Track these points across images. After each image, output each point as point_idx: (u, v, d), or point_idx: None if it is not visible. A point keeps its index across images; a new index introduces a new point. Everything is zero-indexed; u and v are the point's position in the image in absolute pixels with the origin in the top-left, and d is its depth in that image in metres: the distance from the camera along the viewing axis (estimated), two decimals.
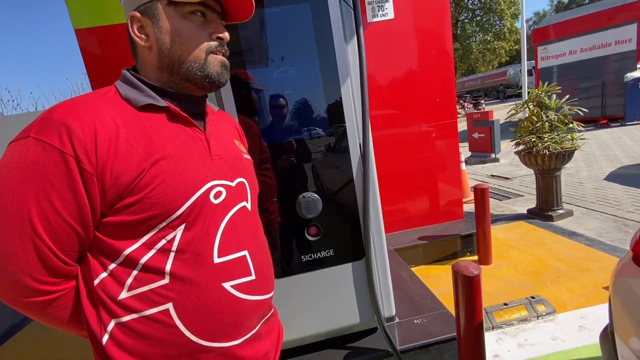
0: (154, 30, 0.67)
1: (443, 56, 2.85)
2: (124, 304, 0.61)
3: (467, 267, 1.28)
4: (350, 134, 1.40)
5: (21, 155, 0.56)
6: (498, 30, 18.19)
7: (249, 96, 1.33)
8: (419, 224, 3.14)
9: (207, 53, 0.69)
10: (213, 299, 0.65)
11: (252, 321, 0.72)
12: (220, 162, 0.71)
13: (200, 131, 0.71)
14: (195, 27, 0.67)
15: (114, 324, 0.61)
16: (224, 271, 0.67)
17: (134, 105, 0.65)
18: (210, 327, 0.65)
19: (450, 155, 3.08)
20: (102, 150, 0.57)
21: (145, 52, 0.69)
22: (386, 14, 2.62)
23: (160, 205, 0.61)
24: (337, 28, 1.28)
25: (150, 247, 0.62)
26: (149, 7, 0.66)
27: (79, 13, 2.33)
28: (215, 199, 0.67)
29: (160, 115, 0.67)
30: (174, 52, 0.67)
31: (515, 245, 3.05)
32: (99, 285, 0.61)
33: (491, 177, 5.97)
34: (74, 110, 0.59)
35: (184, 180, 0.63)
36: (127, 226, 0.60)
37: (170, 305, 0.62)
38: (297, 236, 1.44)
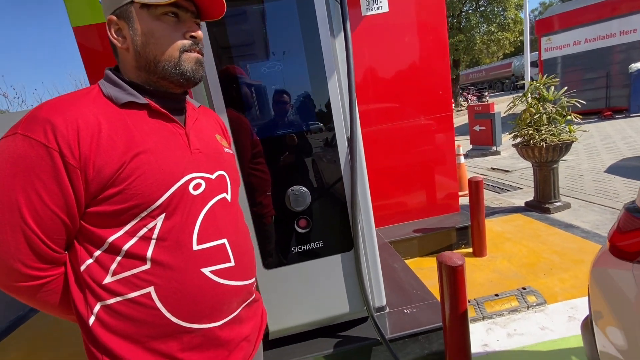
0: (129, 32, 0.70)
1: (438, 49, 2.85)
2: (109, 287, 0.65)
3: (451, 257, 1.31)
4: (338, 127, 1.42)
5: (9, 151, 0.60)
6: (502, 21, 17.89)
7: (239, 91, 1.35)
8: (415, 216, 3.17)
9: (180, 52, 0.72)
10: (192, 283, 0.69)
11: (232, 305, 0.76)
12: (199, 155, 0.75)
13: (180, 126, 0.74)
14: (167, 28, 0.70)
15: (99, 306, 0.66)
16: (202, 257, 0.71)
17: (115, 102, 0.68)
18: (190, 309, 0.69)
19: (446, 148, 3.09)
20: (85, 145, 0.61)
21: (123, 53, 0.73)
22: (380, 7, 2.61)
23: (140, 196, 0.64)
24: (323, 23, 1.29)
25: (133, 235, 0.66)
26: (124, 10, 0.69)
27: (76, 11, 2.36)
28: (194, 191, 0.71)
29: (141, 112, 0.70)
30: (149, 52, 0.70)
31: (511, 238, 3.07)
32: (85, 271, 0.66)
33: (491, 170, 5.96)
34: (58, 108, 0.62)
35: (163, 173, 0.67)
36: (111, 215, 0.64)
37: (151, 289, 0.66)
38: (287, 228, 1.48)
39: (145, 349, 0.67)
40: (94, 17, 2.44)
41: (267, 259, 1.50)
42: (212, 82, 1.30)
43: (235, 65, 1.33)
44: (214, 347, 0.73)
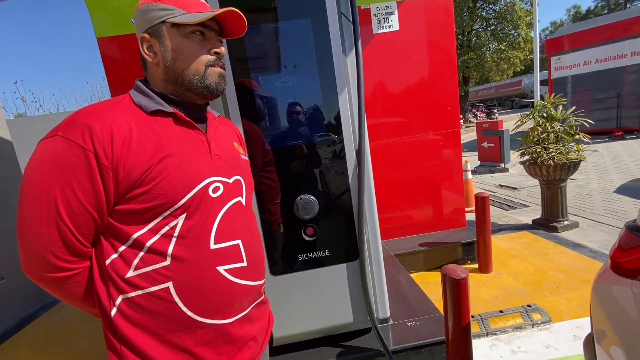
0: (160, 48, 0.77)
1: (447, 67, 2.91)
2: (131, 281, 0.70)
3: (455, 270, 1.33)
4: (347, 140, 1.48)
5: (50, 151, 0.66)
6: (513, 40, 18.01)
7: (253, 102, 1.42)
8: (421, 230, 3.18)
9: (206, 66, 0.78)
10: (208, 279, 0.74)
11: (243, 303, 0.81)
12: (219, 161, 0.81)
13: (202, 133, 0.81)
14: (195, 45, 0.77)
15: (121, 299, 0.71)
16: (219, 256, 0.76)
17: (145, 110, 0.75)
18: (205, 304, 0.74)
19: (453, 163, 3.12)
20: (117, 148, 0.67)
21: (153, 67, 0.80)
22: (391, 26, 2.70)
23: (165, 196, 0.70)
24: (336, 41, 1.37)
25: (156, 232, 0.71)
26: (156, 29, 0.77)
27: (101, 22, 2.50)
28: (213, 193, 0.76)
29: (168, 119, 0.77)
30: (177, 67, 0.77)
31: (517, 255, 3.05)
32: (110, 265, 0.71)
33: (499, 186, 5.94)
34: (95, 114, 0.69)
35: (186, 175, 0.72)
36: (137, 213, 0.70)
37: (170, 284, 0.71)
38: (294, 236, 1.52)
39: (161, 342, 0.72)
40: (116, 29, 2.57)
41: (274, 266, 1.54)
42: (229, 94, 1.37)
43: (251, 79, 1.40)
44: (225, 344, 0.77)
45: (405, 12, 2.75)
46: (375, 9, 2.70)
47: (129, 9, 2.50)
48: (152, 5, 0.76)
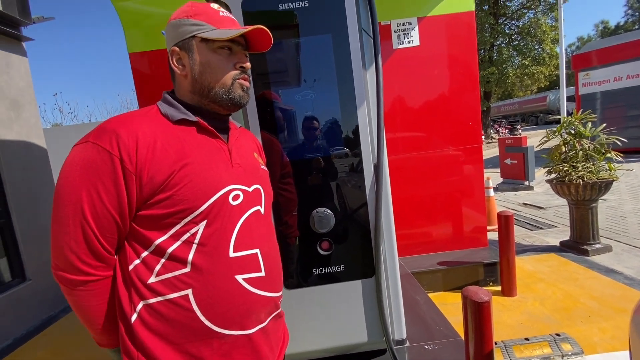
0: (189, 61, 0.80)
1: (469, 82, 2.87)
2: (152, 287, 0.71)
3: (477, 293, 1.27)
4: (365, 154, 1.46)
5: (81, 155, 0.70)
6: (537, 55, 17.65)
7: (273, 115, 1.44)
8: (440, 248, 3.08)
9: (232, 80, 0.81)
10: (226, 288, 0.74)
11: (260, 315, 0.80)
12: (239, 169, 0.82)
13: (223, 142, 0.83)
14: (222, 60, 0.80)
15: (142, 305, 0.72)
16: (237, 265, 0.76)
17: (170, 119, 0.78)
18: (222, 314, 0.73)
19: (474, 179, 3.03)
20: (142, 154, 0.70)
21: (181, 79, 0.83)
22: (412, 41, 2.70)
23: (186, 202, 0.71)
24: (356, 57, 1.37)
25: (177, 238, 0.72)
26: (186, 42, 0.80)
27: (133, 39, 2.63)
28: (233, 201, 0.77)
29: (192, 128, 0.79)
30: (205, 80, 0.80)
31: (544, 279, 2.89)
32: (133, 270, 0.72)
33: (523, 205, 5.71)
34: (123, 122, 0.73)
35: (206, 182, 0.74)
36: (159, 219, 0.71)
37: (189, 292, 0.72)
38: (310, 249, 1.50)
39: (178, 351, 0.72)
40: (146, 45, 2.71)
41: (288, 279, 1.52)
42: (249, 105, 1.39)
43: (271, 91, 1.43)
44: (240, 356, 0.76)
45: (426, 27, 2.76)
46: (395, 25, 2.71)
47: (158, 27, 2.63)
48: (183, 20, 0.79)
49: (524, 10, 18.01)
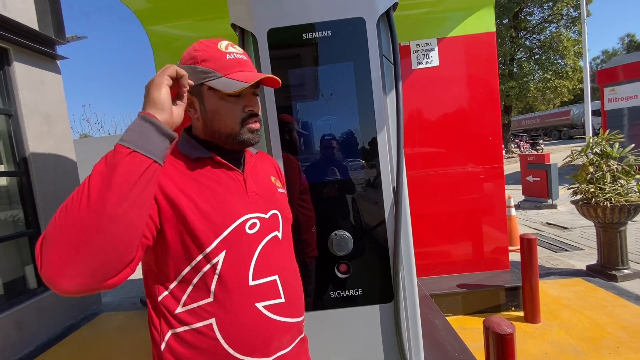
0: (199, 107, 0.83)
1: (489, 101, 2.85)
2: (179, 317, 0.75)
3: (500, 324, 1.23)
4: (384, 177, 1.47)
5: None
6: (559, 69, 17.28)
7: (294, 138, 1.47)
8: (459, 270, 3.01)
9: (241, 125, 0.83)
10: (247, 316, 0.76)
11: (282, 342, 0.81)
12: (255, 197, 0.85)
13: (239, 173, 0.85)
14: (230, 106, 0.82)
15: (170, 334, 0.75)
16: (257, 293, 0.78)
17: (188, 157, 0.82)
18: (245, 341, 0.76)
19: (495, 198, 2.97)
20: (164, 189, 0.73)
21: (195, 121, 0.87)
22: (431, 62, 2.72)
23: (204, 234, 0.74)
24: (377, 83, 1.40)
25: (198, 270, 0.75)
26: (196, 89, 0.81)
27: (161, 60, 2.77)
28: (250, 230, 0.80)
29: (207, 163, 0.83)
30: (214, 126, 0.83)
31: (570, 305, 2.76)
32: (162, 301, 0.76)
33: (547, 225, 5.51)
34: None
35: (223, 214, 0.77)
36: (180, 251, 0.74)
37: (213, 321, 0.75)
38: (327, 272, 1.50)
39: None
40: None
41: (306, 300, 1.51)
42: (272, 128, 1.43)
43: (292, 115, 1.46)
44: None
45: (446, 48, 2.77)
46: (415, 46, 2.74)
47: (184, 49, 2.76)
48: (193, 66, 0.81)
49: (546, 24, 17.77)
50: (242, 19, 1.47)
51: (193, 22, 2.76)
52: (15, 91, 3.22)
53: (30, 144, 3.30)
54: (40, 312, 3.19)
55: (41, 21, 3.58)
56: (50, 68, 3.68)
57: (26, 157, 3.27)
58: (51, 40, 3.63)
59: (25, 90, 3.30)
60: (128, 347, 2.82)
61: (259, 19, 1.42)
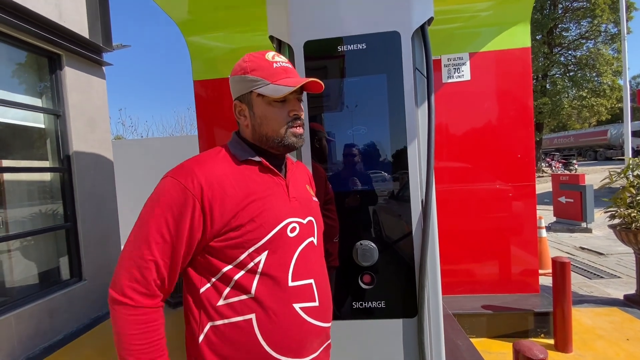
0: (249, 114, 0.90)
1: (522, 118, 2.77)
2: (220, 310, 0.78)
3: (531, 349, 1.18)
4: (413, 190, 1.46)
5: (163, 187, 0.79)
6: (596, 87, 16.53)
7: (323, 146, 1.50)
8: (485, 290, 2.89)
9: (286, 129, 0.88)
10: (285, 316, 0.79)
11: (314, 345, 0.84)
12: (295, 202, 0.89)
13: (282, 178, 0.91)
14: (277, 112, 0.87)
15: (209, 326, 0.79)
16: (295, 294, 0.82)
17: (237, 159, 0.87)
18: (281, 340, 0.78)
19: (525, 217, 2.85)
20: (215, 194, 0.78)
21: (244, 128, 0.93)
22: (462, 76, 2.69)
23: (251, 234, 0.79)
24: (410, 96, 1.41)
25: (241, 267, 0.79)
26: (245, 96, 0.89)
27: (198, 68, 2.91)
28: (291, 233, 0.84)
29: (255, 167, 0.88)
30: (262, 130, 0.89)
31: (605, 336, 2.59)
32: (204, 293, 0.80)
33: (580, 249, 5.22)
34: (199, 162, 0.83)
35: (268, 217, 0.81)
36: (226, 249, 0.79)
37: (253, 316, 0.78)
38: (351, 282, 1.50)
39: None
40: (208, 74, 2.97)
41: None
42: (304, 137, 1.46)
43: (323, 124, 1.49)
44: None
45: (478, 62, 2.74)
46: (446, 60, 2.73)
47: (219, 59, 2.90)
48: (243, 76, 0.87)
49: (582, 40, 17.15)
50: (280, 31, 1.53)
51: (227, 34, 2.89)
52: (65, 94, 3.48)
53: (74, 143, 3.53)
54: (72, 302, 3.35)
55: (91, 30, 3.87)
56: (97, 73, 3.95)
57: (70, 155, 3.50)
58: (99, 48, 3.90)
59: (73, 93, 3.55)
60: None
61: (296, 31, 1.47)
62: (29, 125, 3.36)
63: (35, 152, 3.46)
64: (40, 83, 3.44)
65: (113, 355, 2.56)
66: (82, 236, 3.54)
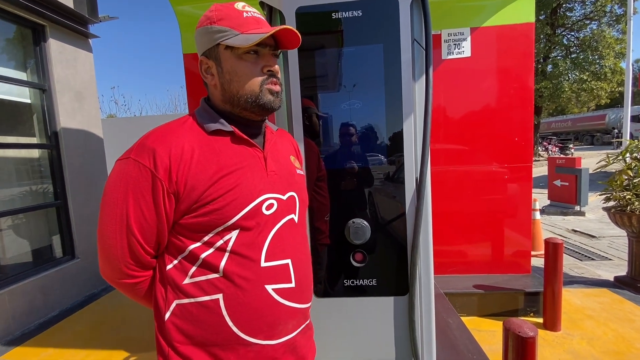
0: (217, 70, 0.79)
1: (522, 97, 2.70)
2: (185, 289, 0.74)
3: (521, 326, 1.17)
4: (407, 167, 1.41)
5: (124, 171, 0.73)
6: (597, 70, 16.28)
7: (316, 122, 1.44)
8: (477, 270, 2.92)
9: (260, 86, 0.78)
10: (256, 297, 0.75)
11: (287, 326, 0.79)
12: (274, 177, 0.81)
13: (259, 150, 0.82)
14: (249, 65, 0.77)
15: (175, 304, 0.75)
16: (268, 275, 0.76)
17: (206, 130, 0.78)
18: (250, 322, 0.74)
19: (521, 201, 2.84)
20: (180, 170, 0.72)
21: (212, 89, 0.82)
22: (462, 52, 2.60)
23: (221, 212, 0.72)
24: (407, 68, 1.34)
25: (210, 245, 0.74)
26: (212, 51, 0.78)
27: (188, 41, 2.78)
28: (267, 210, 0.78)
29: (227, 137, 0.79)
30: (233, 89, 0.78)
31: (594, 316, 2.63)
32: (170, 271, 0.76)
33: (572, 232, 5.27)
34: (162, 138, 0.74)
35: (242, 193, 0.75)
36: (194, 227, 0.73)
37: (220, 296, 0.73)
38: (342, 260, 1.48)
39: (206, 352, 0.74)
40: None
41: (317, 286, 1.50)
42: (294, 112, 1.40)
43: (317, 98, 1.43)
44: None
45: (479, 38, 2.64)
46: (446, 35, 2.62)
47: None
48: (208, 27, 0.77)
49: (587, 21, 16.76)
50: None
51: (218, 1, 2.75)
52: (50, 67, 3.34)
53: (61, 119, 3.42)
54: (64, 279, 3.35)
55: (76, 0, 3.67)
56: (83, 46, 3.79)
57: (57, 131, 3.40)
58: (85, 19, 3.72)
59: (58, 66, 3.41)
60: (142, 320, 2.92)
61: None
62: (14, 99, 3.24)
63: (22, 128, 3.35)
64: (25, 56, 3.30)
65: (107, 330, 2.58)
66: (74, 214, 3.50)
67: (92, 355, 2.47)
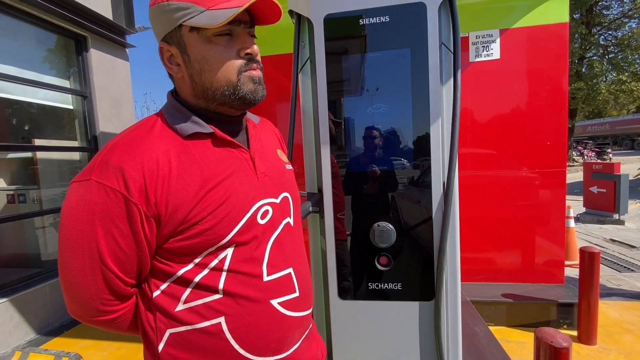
0: (182, 59, 0.65)
1: (556, 100, 2.61)
2: (179, 316, 0.64)
3: (554, 336, 1.14)
4: (434, 171, 1.40)
5: (86, 197, 0.58)
6: (638, 70, 15.32)
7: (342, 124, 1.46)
8: (506, 279, 2.82)
9: (238, 74, 0.65)
10: (262, 315, 0.67)
11: (294, 337, 0.74)
12: (265, 180, 0.72)
13: (244, 150, 0.70)
14: (221, 49, 0.63)
15: (169, 333, 0.65)
16: (273, 289, 0.69)
17: (180, 134, 0.64)
18: (258, 341, 0.67)
19: (554, 208, 2.72)
20: (158, 188, 0.59)
21: (180, 81, 0.68)
22: (491, 54, 2.54)
23: (212, 231, 0.62)
24: (435, 72, 1.33)
25: (203, 267, 0.64)
26: (173, 35, 0.63)
27: None
28: (261, 220, 0.68)
29: (206, 141, 0.66)
30: (205, 80, 0.64)
31: (632, 330, 2.47)
32: (158, 297, 0.65)
33: (610, 241, 4.97)
34: (128, 152, 0.60)
35: (233, 206, 0.64)
36: (182, 251, 0.63)
37: (222, 319, 0.64)
38: (367, 263, 1.48)
39: None
40: None
41: (340, 285, 1.51)
42: (321, 117, 1.43)
43: (342, 101, 1.45)
44: None
45: (509, 40, 2.57)
46: (474, 37, 2.58)
47: None
48: (163, 5, 0.62)
49: (625, 19, 15.84)
50: (299, 5, 1.48)
51: None
52: (91, 75, 3.57)
53: (100, 124, 3.65)
54: None
55: (115, 12, 3.92)
56: (120, 55, 4.02)
57: (97, 135, 3.63)
58: (122, 30, 3.96)
59: (98, 74, 3.64)
60: None
61: (316, 3, 1.42)
62: (58, 105, 3.49)
63: (65, 133, 3.60)
64: (68, 64, 3.55)
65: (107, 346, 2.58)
66: None
67: (125, 347, 2.59)
